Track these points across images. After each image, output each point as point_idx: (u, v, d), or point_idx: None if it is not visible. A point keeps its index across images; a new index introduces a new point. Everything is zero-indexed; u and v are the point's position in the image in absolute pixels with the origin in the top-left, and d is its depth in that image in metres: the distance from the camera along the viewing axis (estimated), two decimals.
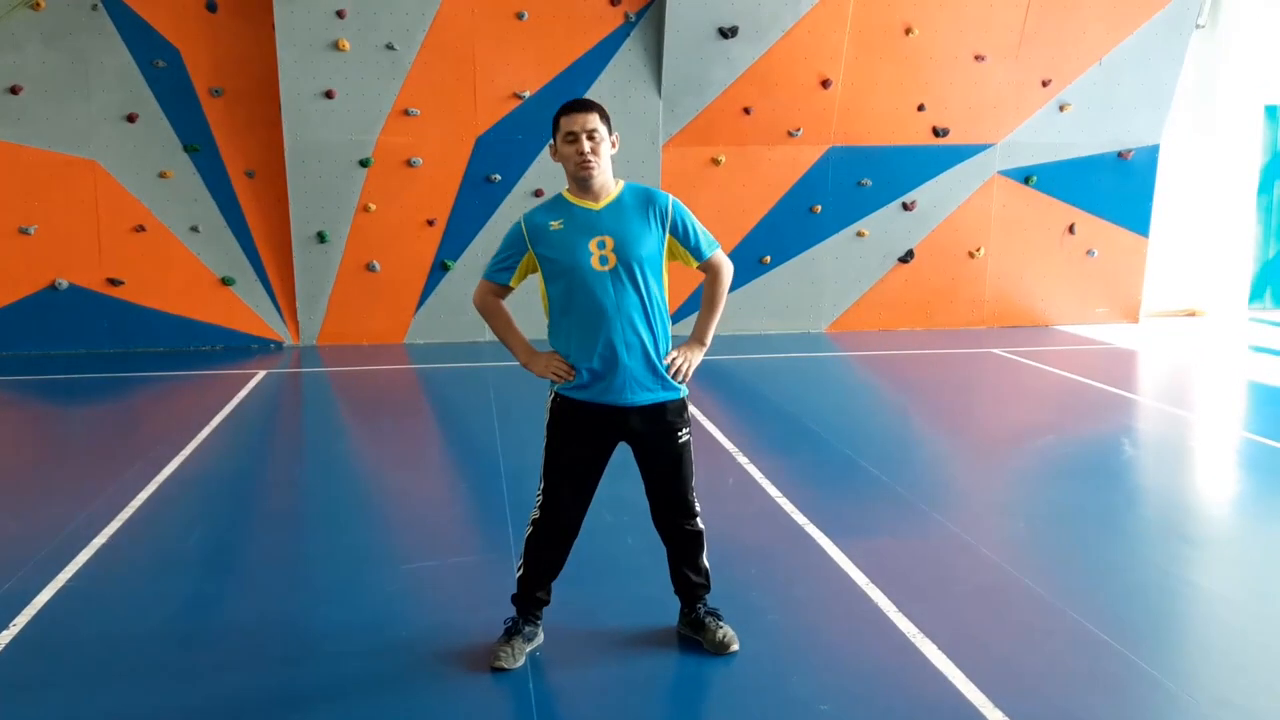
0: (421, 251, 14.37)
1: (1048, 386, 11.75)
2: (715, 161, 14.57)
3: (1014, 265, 15.52)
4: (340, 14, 13.54)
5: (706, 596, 5.39)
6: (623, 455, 5.21)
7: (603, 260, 4.90)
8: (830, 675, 5.08)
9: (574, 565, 5.42)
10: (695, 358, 5.15)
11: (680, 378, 5.09)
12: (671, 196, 5.12)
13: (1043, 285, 15.65)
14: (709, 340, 5.27)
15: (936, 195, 15.19)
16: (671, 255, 5.10)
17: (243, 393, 11.39)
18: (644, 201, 5.04)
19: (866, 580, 6.14)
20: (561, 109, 4.99)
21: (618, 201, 5.01)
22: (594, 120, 4.93)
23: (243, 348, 14.16)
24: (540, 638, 5.30)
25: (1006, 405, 11.29)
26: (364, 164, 13.98)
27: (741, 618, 5.48)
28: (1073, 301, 15.75)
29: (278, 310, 14.25)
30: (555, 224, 4.96)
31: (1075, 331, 15.24)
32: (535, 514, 5.20)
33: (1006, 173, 15.27)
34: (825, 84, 14.42)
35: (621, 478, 5.54)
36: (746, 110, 14.44)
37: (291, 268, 14.15)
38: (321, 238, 14.01)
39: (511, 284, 5.16)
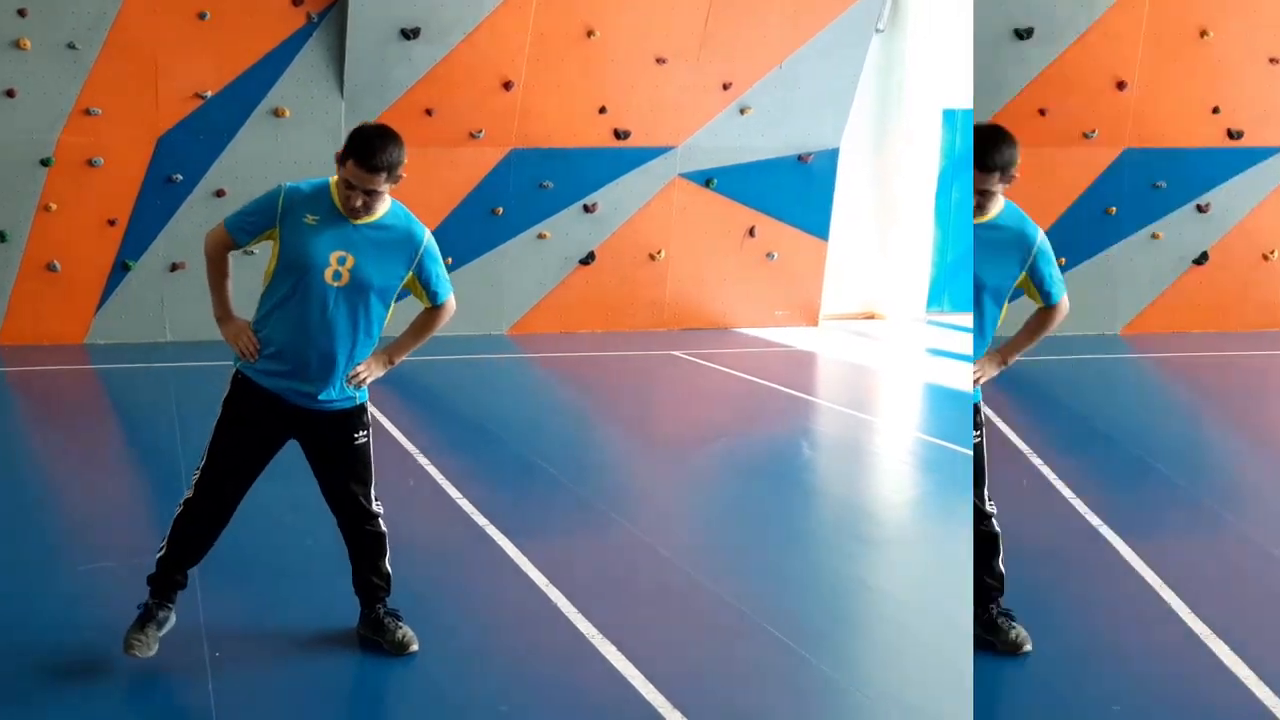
0: (102, 251, 13.72)
1: (727, 389, 11.94)
2: None
3: (695, 268, 15.68)
4: (22, 13, 12.89)
5: (386, 598, 5.31)
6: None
7: (336, 275, 4.80)
8: (509, 675, 5.13)
9: (252, 566, 5.47)
10: (377, 373, 5.10)
11: (355, 385, 4.99)
12: (428, 236, 5.06)
13: (723, 288, 15.86)
14: (398, 363, 5.23)
15: (618, 197, 15.22)
16: (409, 289, 5.07)
17: None
18: (404, 235, 4.97)
19: (546, 581, 6.11)
20: (358, 152, 4.71)
21: (378, 224, 4.91)
22: (379, 183, 4.73)
23: None
24: (173, 620, 5.09)
25: (686, 407, 11.43)
26: (45, 163, 13.34)
27: (421, 618, 5.40)
28: (753, 304, 15.98)
29: None
30: (311, 218, 4.81)
31: (755, 334, 15.49)
32: (189, 493, 5.04)
33: (687, 175, 15.42)
34: (507, 86, 14.32)
35: (303, 479, 5.35)
36: (429, 112, 14.19)
37: None
38: (2, 237, 13.30)
39: (246, 246, 5.03)
